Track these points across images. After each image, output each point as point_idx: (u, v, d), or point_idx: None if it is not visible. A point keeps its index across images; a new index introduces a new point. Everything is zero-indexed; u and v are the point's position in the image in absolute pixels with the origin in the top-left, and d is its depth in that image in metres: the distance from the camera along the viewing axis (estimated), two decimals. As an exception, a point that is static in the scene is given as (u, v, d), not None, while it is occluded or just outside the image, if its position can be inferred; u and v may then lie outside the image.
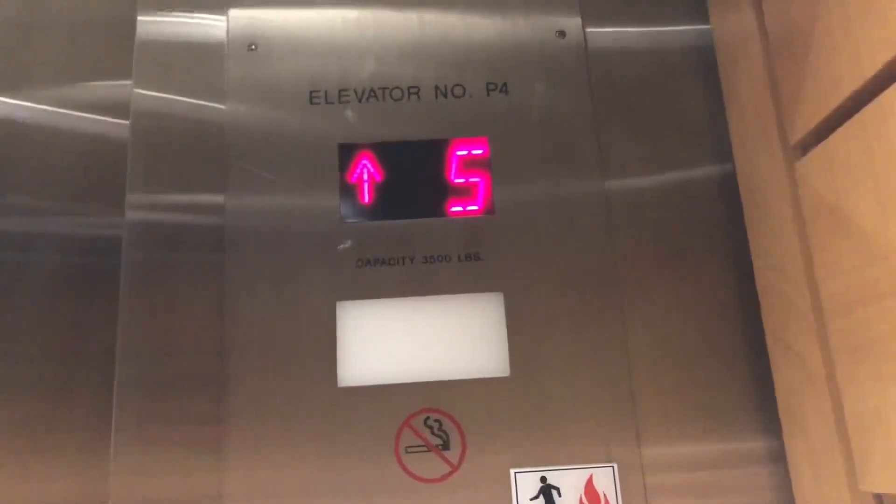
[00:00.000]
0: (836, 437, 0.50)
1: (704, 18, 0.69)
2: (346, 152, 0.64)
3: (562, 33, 0.68)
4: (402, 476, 0.57)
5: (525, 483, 0.57)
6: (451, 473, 0.57)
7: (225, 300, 0.60)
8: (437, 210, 0.63)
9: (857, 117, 0.46)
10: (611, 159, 0.65)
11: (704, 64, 0.68)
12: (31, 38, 0.67)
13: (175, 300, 0.60)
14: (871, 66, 0.45)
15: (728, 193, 0.64)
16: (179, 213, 0.62)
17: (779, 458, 0.58)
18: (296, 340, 0.59)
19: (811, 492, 0.54)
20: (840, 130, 0.48)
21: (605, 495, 0.56)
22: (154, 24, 0.67)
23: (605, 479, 0.57)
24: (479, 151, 0.64)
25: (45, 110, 0.65)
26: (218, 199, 0.63)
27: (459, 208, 0.63)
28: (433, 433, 0.58)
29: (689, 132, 0.66)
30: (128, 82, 0.65)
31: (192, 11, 0.68)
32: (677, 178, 0.65)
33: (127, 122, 0.64)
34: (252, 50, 0.66)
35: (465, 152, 0.64)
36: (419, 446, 0.57)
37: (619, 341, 0.60)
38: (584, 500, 0.56)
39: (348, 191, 0.63)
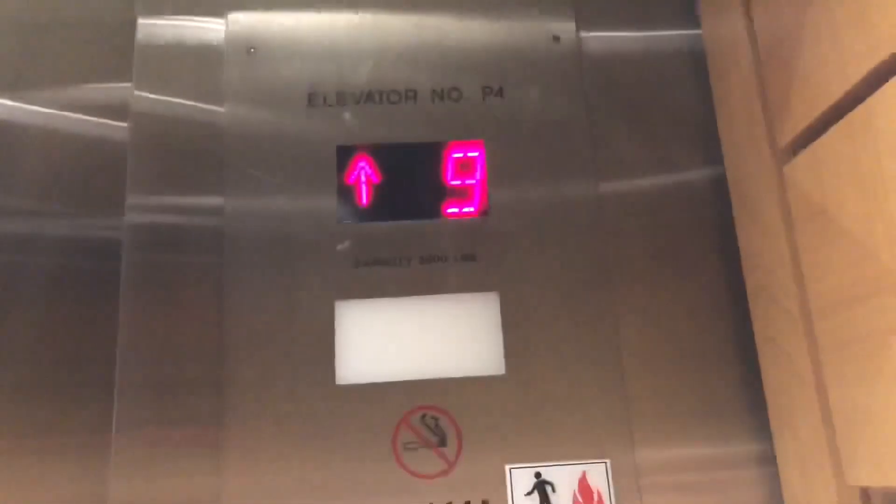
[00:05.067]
0: (822, 433, 0.51)
1: (696, 23, 0.70)
2: (344, 154, 0.64)
3: (556, 38, 0.69)
4: (400, 472, 0.57)
5: (520, 479, 0.57)
6: (447, 470, 0.58)
7: (224, 301, 0.60)
8: (434, 212, 0.64)
9: (844, 121, 0.47)
10: (604, 161, 0.66)
11: (696, 68, 0.69)
12: (32, 41, 0.67)
13: (175, 302, 0.60)
14: (857, 72, 0.46)
15: (720, 195, 0.65)
16: (179, 215, 0.63)
17: (770, 458, 0.59)
18: (294, 340, 0.60)
19: (799, 487, 0.56)
20: (827, 134, 0.49)
21: (598, 491, 0.57)
22: (154, 28, 0.68)
23: (598, 475, 0.58)
24: (475, 154, 0.65)
25: (44, 112, 0.65)
26: (217, 201, 0.63)
27: (455, 210, 0.64)
28: (430, 430, 0.58)
29: (682, 135, 0.68)
30: (128, 85, 0.66)
31: (191, 15, 0.68)
32: (670, 180, 0.66)
33: (126, 124, 0.65)
34: (251, 53, 0.67)
35: (461, 155, 0.65)
36: (416, 443, 0.58)
37: (612, 341, 0.61)
38: (578, 495, 0.57)
39: (346, 192, 0.64)
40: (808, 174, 0.52)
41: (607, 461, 0.58)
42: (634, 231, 0.65)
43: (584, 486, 0.57)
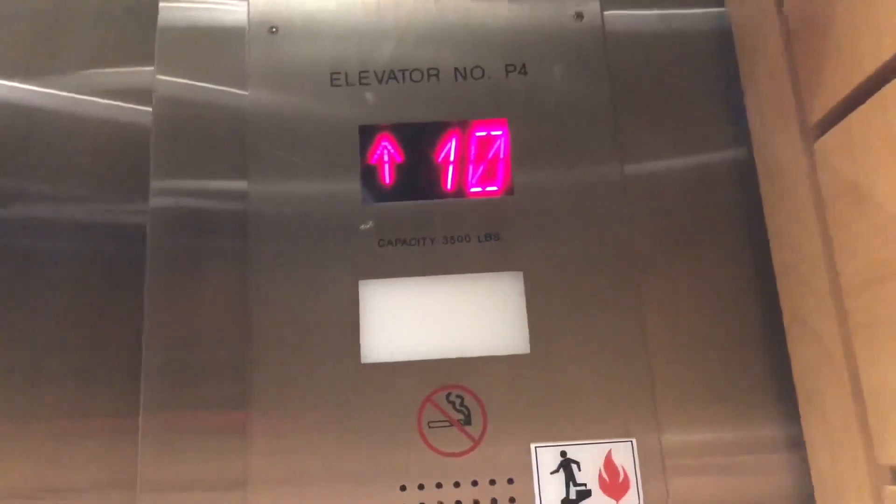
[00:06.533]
0: (852, 413, 0.51)
1: (722, 0, 0.69)
2: (367, 134, 0.64)
3: (579, 15, 0.68)
4: (425, 450, 0.58)
5: (545, 457, 0.58)
6: (473, 448, 0.58)
7: (249, 284, 0.61)
8: (457, 191, 0.63)
9: (877, 96, 0.46)
10: (628, 142, 0.66)
11: (722, 46, 0.68)
12: (54, 26, 0.67)
13: (199, 285, 0.61)
14: (892, 46, 0.45)
15: (745, 177, 0.65)
16: (203, 198, 0.63)
17: (797, 441, 0.59)
18: (319, 319, 0.60)
19: (828, 467, 0.55)
20: (860, 110, 0.48)
21: (623, 469, 0.57)
22: (176, 10, 0.68)
23: (623, 453, 0.58)
24: (499, 132, 0.65)
25: (67, 97, 0.66)
26: (241, 184, 0.63)
27: (479, 189, 0.64)
28: (455, 408, 0.59)
29: (707, 115, 0.67)
30: (150, 68, 0.66)
31: (213, -4, 0.68)
32: (694, 162, 0.66)
33: (149, 108, 0.65)
34: (273, 33, 0.67)
35: (484, 133, 0.65)
36: (441, 421, 0.58)
37: (636, 320, 0.61)
38: (604, 473, 0.57)
39: (369, 172, 0.64)
40: (840, 150, 0.51)
41: (633, 440, 0.58)
42: (658, 212, 0.64)
43: (609, 465, 0.57)
